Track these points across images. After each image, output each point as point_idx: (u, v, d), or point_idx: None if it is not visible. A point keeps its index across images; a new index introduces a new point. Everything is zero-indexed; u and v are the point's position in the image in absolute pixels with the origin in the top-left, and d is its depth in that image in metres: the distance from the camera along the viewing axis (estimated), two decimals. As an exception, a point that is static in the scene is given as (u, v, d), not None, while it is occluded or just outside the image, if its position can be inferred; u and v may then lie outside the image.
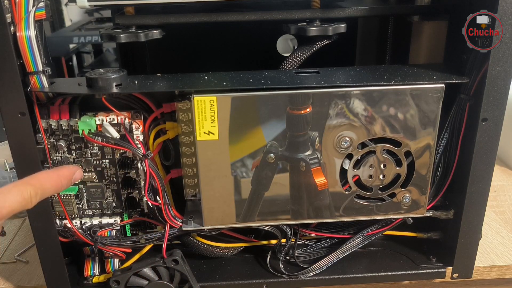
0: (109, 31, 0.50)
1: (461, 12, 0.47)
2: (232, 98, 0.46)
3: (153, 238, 0.53)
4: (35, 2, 0.45)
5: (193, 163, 0.49)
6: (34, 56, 0.44)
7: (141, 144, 0.50)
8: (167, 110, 0.50)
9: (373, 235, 0.57)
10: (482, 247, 0.61)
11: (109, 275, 0.55)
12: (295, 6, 0.51)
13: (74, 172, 0.45)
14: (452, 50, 0.53)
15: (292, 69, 0.52)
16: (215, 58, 0.66)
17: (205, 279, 0.56)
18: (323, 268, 0.57)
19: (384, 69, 0.50)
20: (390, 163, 0.50)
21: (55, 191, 0.43)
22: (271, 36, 0.54)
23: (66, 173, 0.44)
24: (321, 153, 0.49)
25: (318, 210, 0.52)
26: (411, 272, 0.57)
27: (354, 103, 0.47)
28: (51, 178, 0.42)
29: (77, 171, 0.46)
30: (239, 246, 0.58)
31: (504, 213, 0.71)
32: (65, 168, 0.45)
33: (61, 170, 0.44)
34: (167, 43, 0.54)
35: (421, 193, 0.52)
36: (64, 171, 0.44)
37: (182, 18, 0.50)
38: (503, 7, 0.43)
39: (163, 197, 0.50)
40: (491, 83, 0.46)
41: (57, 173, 0.43)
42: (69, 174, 0.44)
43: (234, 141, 0.48)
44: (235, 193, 0.50)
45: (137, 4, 0.50)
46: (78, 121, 0.48)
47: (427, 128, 0.48)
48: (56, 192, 0.47)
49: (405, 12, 0.55)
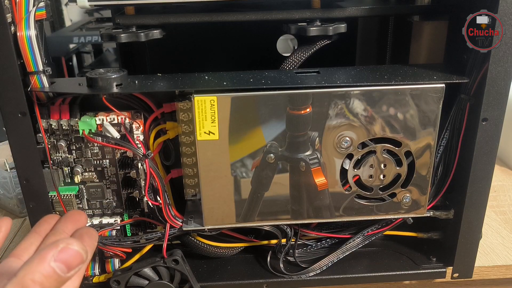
0: (109, 31, 0.50)
1: (461, 12, 0.48)
2: (232, 98, 0.46)
3: (154, 238, 0.53)
4: (35, 2, 0.45)
5: (194, 163, 0.49)
6: (34, 56, 0.44)
7: (142, 144, 0.50)
8: (168, 110, 0.50)
9: (373, 235, 0.57)
10: (482, 247, 0.61)
11: (110, 275, 0.55)
12: (295, 6, 0.51)
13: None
14: (452, 50, 0.53)
15: (292, 69, 0.52)
16: (215, 58, 0.66)
17: (205, 279, 0.56)
18: (323, 268, 0.57)
19: (384, 69, 0.50)
20: (390, 163, 0.50)
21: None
22: (271, 36, 0.54)
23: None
24: (321, 153, 0.49)
25: (318, 210, 0.52)
26: (411, 272, 0.57)
27: (354, 103, 0.47)
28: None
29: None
30: (239, 246, 0.58)
31: (504, 213, 0.71)
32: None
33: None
34: (167, 43, 0.54)
35: (421, 193, 0.52)
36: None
37: (182, 18, 0.50)
38: (503, 7, 0.43)
39: (163, 197, 0.50)
40: (491, 83, 0.46)
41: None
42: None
43: (234, 141, 0.48)
44: (235, 193, 0.50)
45: (137, 4, 0.50)
46: (78, 121, 0.48)
47: (427, 128, 0.48)
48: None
49: (405, 12, 0.55)
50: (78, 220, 0.44)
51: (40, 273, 0.31)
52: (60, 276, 0.32)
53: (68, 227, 0.42)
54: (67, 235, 0.41)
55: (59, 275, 0.31)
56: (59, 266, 0.31)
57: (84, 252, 0.33)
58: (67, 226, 0.43)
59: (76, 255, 0.32)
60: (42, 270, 0.31)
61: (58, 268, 0.31)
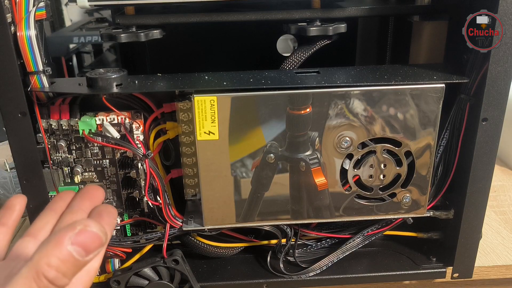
0: (109, 31, 0.50)
1: (461, 12, 0.48)
2: (232, 98, 0.46)
3: (153, 238, 0.53)
4: (35, 2, 0.45)
5: (193, 163, 0.49)
6: (34, 56, 0.44)
7: (142, 144, 0.50)
8: (168, 110, 0.50)
9: (373, 235, 0.57)
10: (482, 247, 0.61)
11: (110, 275, 0.55)
12: (295, 6, 0.51)
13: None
14: (452, 50, 0.53)
15: (292, 69, 0.52)
16: (215, 58, 0.66)
17: (205, 279, 0.56)
18: (323, 268, 0.57)
19: (384, 69, 0.50)
20: (390, 163, 0.50)
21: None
22: (271, 36, 0.54)
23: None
24: (321, 153, 0.49)
25: (318, 210, 0.52)
26: (411, 272, 0.57)
27: (354, 103, 0.47)
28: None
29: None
30: (239, 246, 0.58)
31: (504, 213, 0.71)
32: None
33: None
34: (167, 43, 0.54)
35: (421, 193, 0.52)
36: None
37: (182, 18, 0.50)
38: (503, 7, 0.43)
39: (163, 197, 0.50)
40: (491, 83, 0.46)
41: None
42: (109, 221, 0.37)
43: (234, 141, 0.48)
44: (235, 193, 0.50)
45: (137, 4, 0.50)
46: (78, 121, 0.48)
47: (427, 128, 0.48)
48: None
49: (405, 12, 0.55)
50: (95, 197, 0.41)
51: (56, 257, 0.29)
52: (78, 260, 0.29)
53: (85, 204, 0.39)
54: (85, 213, 0.38)
55: (76, 259, 0.29)
56: (77, 249, 0.29)
57: (103, 234, 0.30)
58: (84, 203, 0.39)
59: (94, 238, 0.30)
60: (58, 254, 0.29)
61: (75, 251, 0.29)
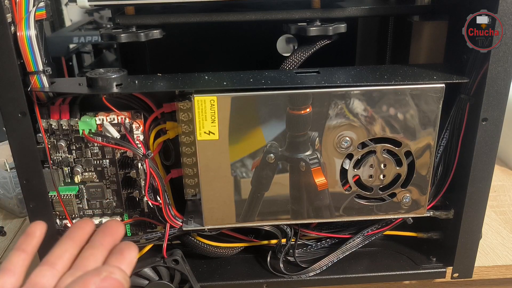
0: (109, 31, 0.50)
1: (461, 12, 0.47)
2: (232, 98, 0.46)
3: (153, 238, 0.53)
4: (35, 2, 0.45)
5: (193, 163, 0.49)
6: (34, 56, 0.44)
7: (142, 144, 0.50)
8: (168, 110, 0.50)
9: (373, 235, 0.57)
10: (482, 247, 0.61)
11: (109, 275, 0.55)
12: (295, 6, 0.51)
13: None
14: (452, 50, 0.53)
15: (292, 69, 0.52)
16: (215, 58, 0.67)
17: (205, 279, 0.56)
18: (323, 268, 0.57)
19: (384, 69, 0.50)
20: (390, 163, 0.50)
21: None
22: (271, 36, 0.54)
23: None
24: (321, 153, 0.49)
25: (318, 210, 0.52)
26: (411, 272, 0.57)
27: (354, 103, 0.47)
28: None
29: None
30: (239, 246, 0.58)
31: (504, 213, 0.71)
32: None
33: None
34: (167, 43, 0.54)
35: (421, 193, 0.52)
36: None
37: (182, 18, 0.50)
38: (503, 7, 0.43)
39: (163, 197, 0.50)
40: (491, 83, 0.46)
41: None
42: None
43: (234, 141, 0.48)
44: (235, 193, 0.50)
45: (137, 4, 0.50)
46: (78, 121, 0.48)
47: (427, 128, 0.48)
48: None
49: (405, 12, 0.55)
50: (116, 232, 0.42)
51: None
52: None
53: (106, 239, 0.41)
54: (105, 249, 0.40)
55: None
56: None
57: (126, 282, 0.32)
58: (105, 239, 0.41)
59: (118, 285, 0.32)
60: None
61: None
